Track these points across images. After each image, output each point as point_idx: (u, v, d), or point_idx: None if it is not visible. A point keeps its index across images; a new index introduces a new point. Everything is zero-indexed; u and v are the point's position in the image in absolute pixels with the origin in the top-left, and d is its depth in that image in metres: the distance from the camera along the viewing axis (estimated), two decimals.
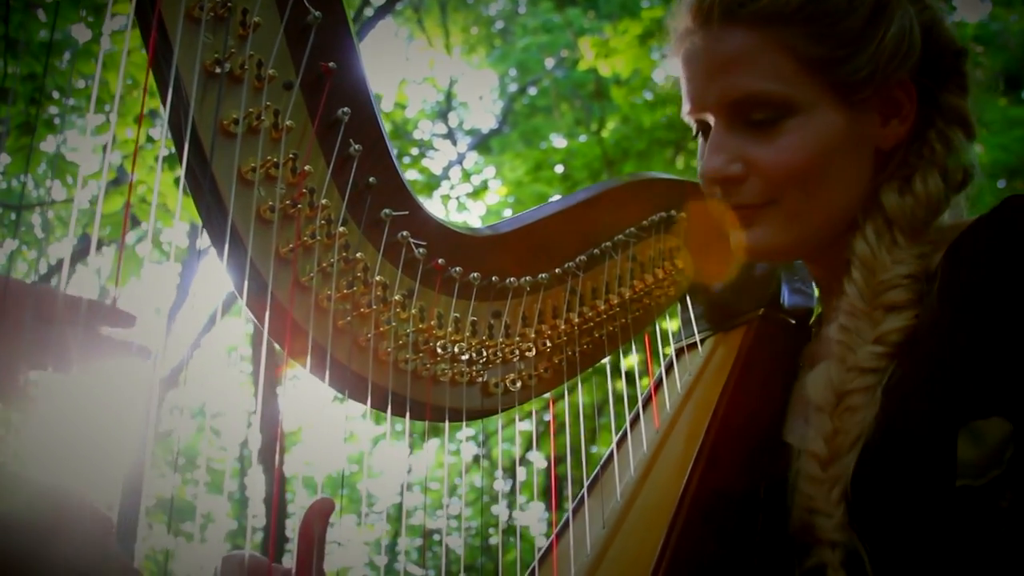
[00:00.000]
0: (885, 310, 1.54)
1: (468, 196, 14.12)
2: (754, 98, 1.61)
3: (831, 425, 1.49)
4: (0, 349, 1.23)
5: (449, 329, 1.70)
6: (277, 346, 1.54)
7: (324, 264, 1.55)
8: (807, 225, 1.65)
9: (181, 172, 1.42)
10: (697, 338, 2.06)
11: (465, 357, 1.73)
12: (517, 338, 1.79)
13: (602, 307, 1.91)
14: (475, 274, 1.71)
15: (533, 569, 1.74)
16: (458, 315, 1.70)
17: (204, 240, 1.45)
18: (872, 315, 1.55)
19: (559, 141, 13.83)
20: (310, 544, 1.50)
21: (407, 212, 1.62)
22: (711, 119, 1.67)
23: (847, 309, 1.58)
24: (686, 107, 1.72)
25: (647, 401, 1.97)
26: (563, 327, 1.85)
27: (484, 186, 14.08)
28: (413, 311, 1.65)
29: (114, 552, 0.95)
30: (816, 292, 1.99)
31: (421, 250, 1.64)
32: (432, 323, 1.67)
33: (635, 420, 1.95)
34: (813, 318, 1.98)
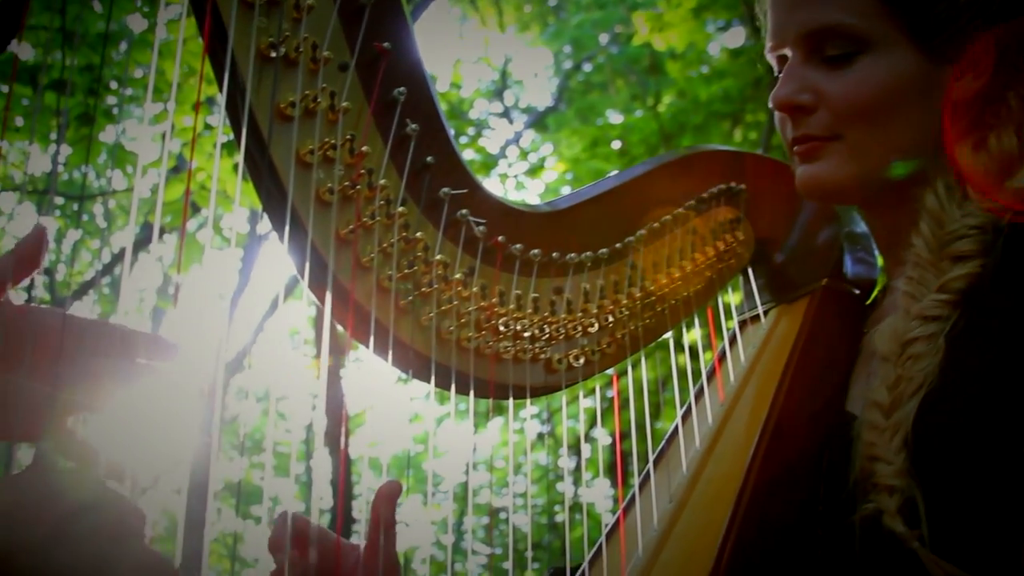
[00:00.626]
0: (951, 260, 1.54)
1: (525, 174, 14.11)
2: (832, 30, 1.64)
3: (894, 373, 1.49)
4: (43, 385, 1.23)
5: (511, 306, 1.69)
6: (340, 328, 1.54)
7: (384, 244, 1.55)
8: (869, 164, 1.67)
9: (239, 157, 1.43)
10: (760, 310, 2.04)
11: (528, 334, 1.72)
12: (579, 314, 1.78)
13: (664, 281, 1.90)
14: (535, 251, 1.70)
15: (600, 544, 1.74)
16: (520, 292, 1.70)
17: (265, 225, 1.47)
18: (938, 265, 1.55)
19: (615, 117, 13.77)
20: (378, 526, 1.51)
21: (466, 190, 1.62)
22: (790, 54, 1.70)
23: (914, 260, 1.59)
24: (768, 44, 1.75)
25: (711, 374, 1.96)
26: (625, 302, 1.84)
27: (541, 164, 14.07)
28: (475, 289, 1.65)
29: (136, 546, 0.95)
30: (880, 261, 1.97)
31: (481, 228, 1.64)
32: (494, 301, 1.67)
33: (700, 393, 1.94)
34: (877, 290, 1.97)
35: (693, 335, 2.01)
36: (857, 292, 1.95)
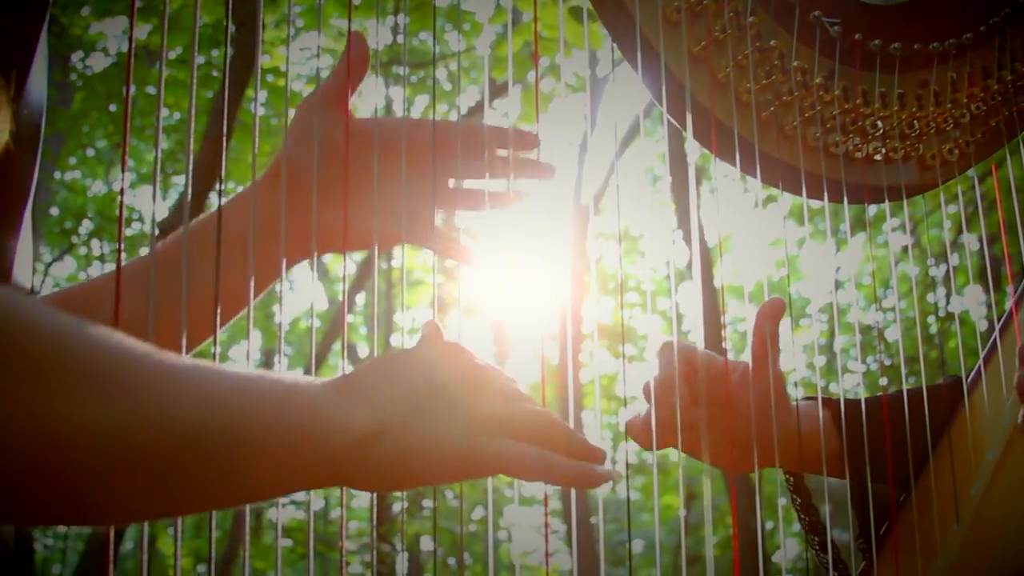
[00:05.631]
0: None
1: None
2: None
3: None
4: (428, 196, 1.30)
5: (876, 105, 1.63)
6: (702, 150, 1.53)
7: (739, 57, 1.52)
8: None
9: None
10: None
11: (897, 132, 1.66)
12: (949, 105, 1.70)
13: None
14: (895, 44, 1.63)
15: (994, 340, 1.68)
16: (884, 90, 1.63)
17: (604, 67, 1.46)
18: None
19: None
20: (764, 343, 1.51)
21: None
22: None
23: None
24: None
25: None
26: (996, 87, 1.74)
27: None
28: (836, 92, 1.59)
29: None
30: None
31: (836, 28, 1.58)
32: (858, 101, 1.61)
33: None
34: None
35: None
36: None
